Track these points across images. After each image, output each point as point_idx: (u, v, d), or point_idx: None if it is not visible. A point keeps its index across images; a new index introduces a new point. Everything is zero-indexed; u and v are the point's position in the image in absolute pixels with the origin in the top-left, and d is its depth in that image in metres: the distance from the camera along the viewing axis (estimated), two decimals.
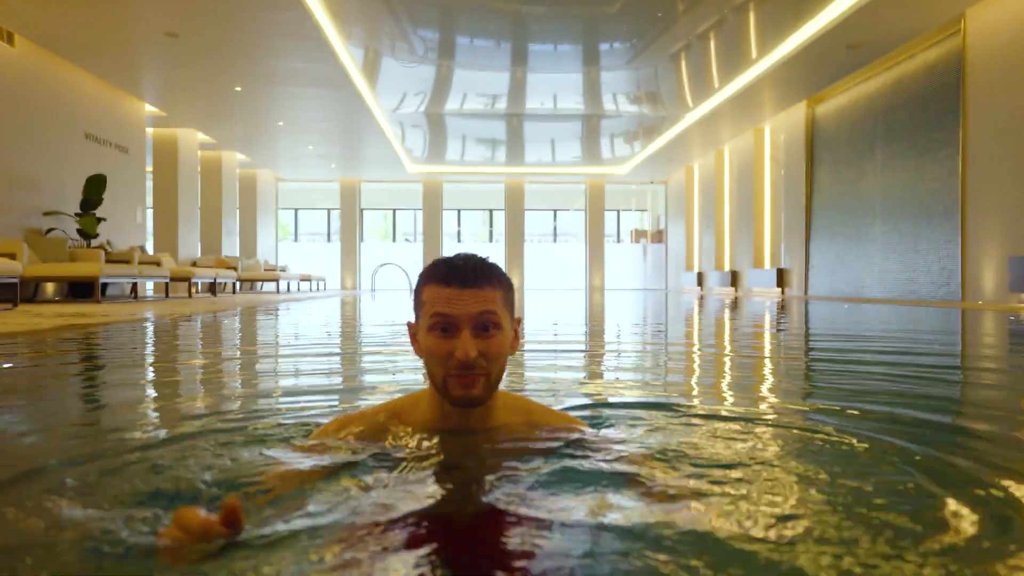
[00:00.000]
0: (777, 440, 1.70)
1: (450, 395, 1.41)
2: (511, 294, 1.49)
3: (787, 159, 16.34)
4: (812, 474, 1.36)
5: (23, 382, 3.09)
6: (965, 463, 1.50)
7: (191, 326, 6.71)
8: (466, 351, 1.36)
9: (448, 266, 1.44)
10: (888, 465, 1.47)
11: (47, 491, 1.27)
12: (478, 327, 1.40)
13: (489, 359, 1.40)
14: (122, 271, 11.02)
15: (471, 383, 1.39)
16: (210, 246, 19.21)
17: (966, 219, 10.58)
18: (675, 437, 1.64)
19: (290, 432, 1.70)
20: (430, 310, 1.42)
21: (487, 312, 1.40)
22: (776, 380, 3.13)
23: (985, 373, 3.40)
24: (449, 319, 1.39)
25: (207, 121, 16.37)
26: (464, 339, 1.38)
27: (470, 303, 1.39)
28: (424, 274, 1.47)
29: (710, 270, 21.11)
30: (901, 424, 1.97)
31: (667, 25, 11.43)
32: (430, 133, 19.52)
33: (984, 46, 10.18)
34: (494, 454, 1.42)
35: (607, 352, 4.47)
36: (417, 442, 1.46)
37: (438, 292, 1.42)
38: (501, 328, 1.43)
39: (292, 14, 10.02)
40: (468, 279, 1.41)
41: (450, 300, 1.40)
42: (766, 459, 1.47)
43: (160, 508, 1.12)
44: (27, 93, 11.05)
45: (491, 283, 1.43)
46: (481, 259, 1.47)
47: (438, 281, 1.42)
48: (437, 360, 1.40)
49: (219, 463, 1.44)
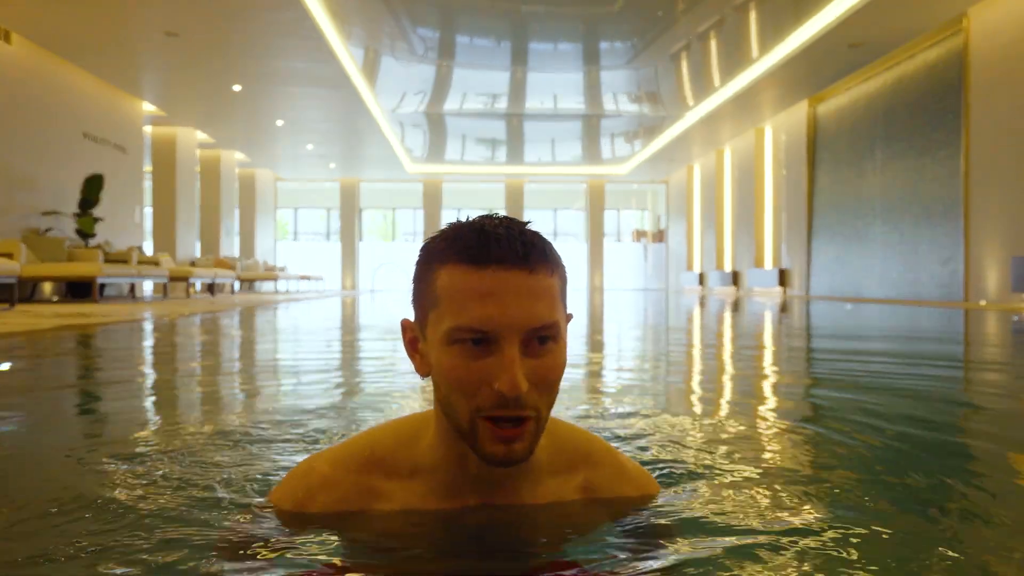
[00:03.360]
0: None
1: (482, 449, 0.92)
2: (565, 283, 0.99)
3: (788, 159, 16.31)
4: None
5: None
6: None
7: (190, 329, 6.66)
8: (515, 381, 0.87)
9: (480, 235, 0.91)
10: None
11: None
12: (530, 340, 0.91)
13: (543, 390, 0.92)
14: (120, 271, 10.97)
15: (516, 434, 0.91)
16: (209, 246, 19.16)
17: (969, 219, 10.55)
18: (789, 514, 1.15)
19: (252, 486, 1.28)
20: (452, 311, 0.90)
21: (544, 316, 0.91)
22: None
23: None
24: (486, 329, 0.88)
25: (206, 120, 16.32)
26: (509, 360, 0.88)
27: (521, 301, 0.89)
28: (436, 248, 0.95)
29: (711, 270, 21.07)
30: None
31: (667, 24, 11.39)
32: (430, 133, 19.49)
33: (986, 45, 10.15)
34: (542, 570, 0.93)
35: (631, 373, 4.41)
36: (413, 529, 1.00)
37: (465, 279, 0.90)
38: (560, 339, 0.94)
39: (292, 14, 9.97)
40: (517, 258, 0.90)
41: (489, 296, 0.88)
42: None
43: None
44: (25, 92, 11.00)
45: (546, 266, 0.93)
46: (526, 224, 0.96)
47: (466, 259, 0.90)
48: (462, 391, 0.90)
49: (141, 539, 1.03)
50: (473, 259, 0.90)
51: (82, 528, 1.08)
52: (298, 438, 1.75)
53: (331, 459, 1.06)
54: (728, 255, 20.44)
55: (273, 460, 1.51)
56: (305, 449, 1.62)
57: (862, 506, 1.20)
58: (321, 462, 1.06)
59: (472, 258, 0.90)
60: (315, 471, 1.05)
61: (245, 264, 19.32)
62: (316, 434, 1.79)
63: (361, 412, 2.19)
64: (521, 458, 0.92)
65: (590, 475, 1.09)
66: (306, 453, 1.55)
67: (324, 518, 1.02)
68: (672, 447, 1.61)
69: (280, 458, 1.53)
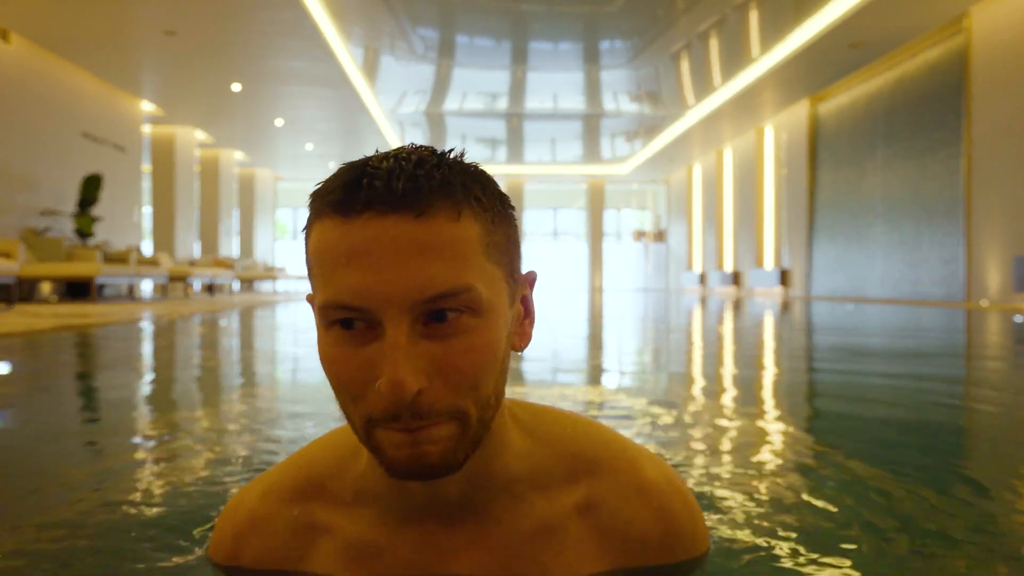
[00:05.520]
0: None
1: (385, 458, 0.67)
2: (506, 228, 0.72)
3: (789, 158, 16.28)
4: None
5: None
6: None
7: (190, 329, 6.63)
8: (395, 377, 0.62)
9: (354, 175, 0.66)
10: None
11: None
12: (426, 315, 0.65)
13: (456, 384, 0.65)
14: (119, 271, 10.94)
15: (421, 437, 0.65)
16: (208, 246, 19.13)
17: (970, 219, 10.52)
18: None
19: (182, 522, 1.11)
20: (322, 282, 0.66)
21: (441, 280, 0.63)
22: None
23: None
24: (359, 304, 0.64)
25: (205, 120, 16.29)
26: (391, 346, 0.63)
27: (404, 260, 0.63)
28: (312, 197, 0.69)
29: (711, 270, 21.04)
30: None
31: (668, 24, 11.36)
32: (430, 132, 19.46)
33: (988, 45, 10.12)
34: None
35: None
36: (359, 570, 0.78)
37: (332, 237, 0.65)
38: (481, 310, 0.66)
39: (292, 13, 9.94)
40: (395, 199, 0.63)
41: (358, 257, 0.64)
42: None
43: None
44: (23, 91, 10.96)
45: (448, 206, 0.65)
46: (434, 154, 0.69)
47: (333, 208, 0.65)
48: (346, 392, 0.67)
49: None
50: (340, 207, 0.64)
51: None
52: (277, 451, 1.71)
53: (261, 490, 0.83)
54: (729, 255, 20.42)
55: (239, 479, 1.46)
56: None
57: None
58: (250, 495, 0.84)
59: (339, 206, 0.64)
60: (241, 508, 0.83)
61: (244, 264, 19.28)
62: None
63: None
64: (438, 466, 0.66)
65: (595, 488, 0.79)
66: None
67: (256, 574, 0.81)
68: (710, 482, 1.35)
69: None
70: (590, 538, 0.78)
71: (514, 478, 0.77)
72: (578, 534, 0.78)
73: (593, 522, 0.78)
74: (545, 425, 0.81)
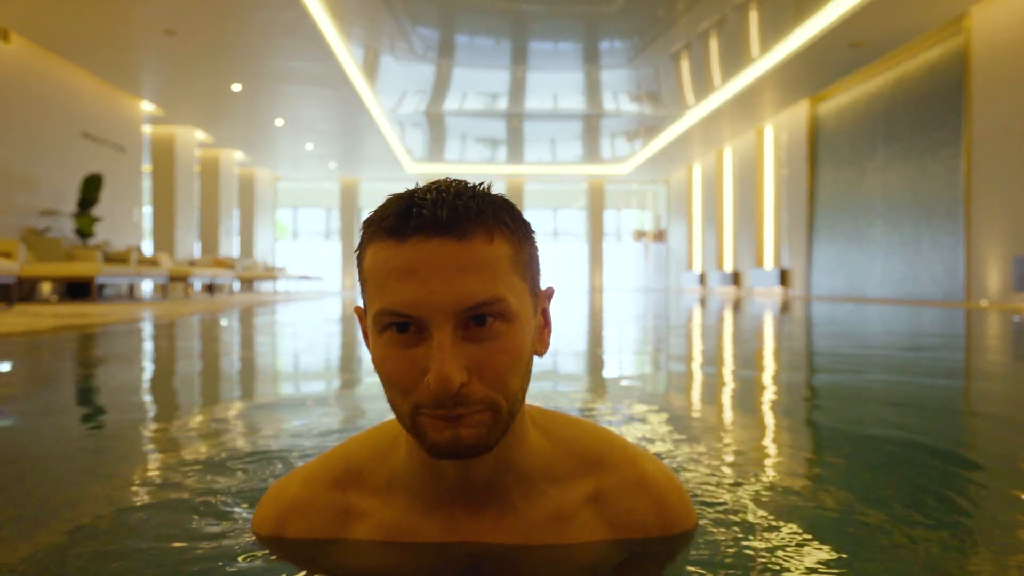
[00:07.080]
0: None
1: (427, 440, 0.80)
2: (530, 249, 0.85)
3: (789, 158, 16.28)
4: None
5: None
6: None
7: (189, 330, 6.64)
8: (444, 372, 0.75)
9: (403, 205, 0.80)
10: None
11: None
12: (466, 321, 0.78)
13: (490, 380, 0.79)
14: (119, 271, 10.94)
15: (460, 423, 0.79)
16: (208, 246, 19.13)
17: (970, 219, 10.52)
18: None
19: (235, 502, 1.20)
20: (377, 294, 0.80)
21: (479, 292, 0.77)
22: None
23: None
24: (411, 312, 0.77)
25: (206, 119, 16.30)
26: (438, 347, 0.76)
27: (449, 276, 0.77)
28: (366, 223, 0.84)
29: (711, 270, 21.05)
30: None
31: (668, 24, 11.37)
32: (430, 132, 19.47)
33: (988, 45, 10.12)
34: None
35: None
36: (388, 554, 0.91)
37: (386, 257, 0.79)
38: (511, 318, 0.79)
39: (292, 13, 9.95)
40: (441, 225, 0.77)
41: (410, 273, 0.77)
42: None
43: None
44: (23, 91, 10.97)
45: (484, 231, 0.79)
46: (469, 187, 0.83)
47: (387, 233, 0.79)
48: (397, 387, 0.80)
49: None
50: (393, 232, 0.78)
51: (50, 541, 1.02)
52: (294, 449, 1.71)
53: (303, 478, 0.97)
54: (729, 255, 20.42)
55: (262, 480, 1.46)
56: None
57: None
58: (293, 482, 0.97)
59: (392, 231, 0.78)
60: (285, 493, 0.96)
61: (244, 264, 19.29)
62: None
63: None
64: (474, 446, 0.79)
65: (602, 482, 0.93)
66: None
67: (296, 547, 0.93)
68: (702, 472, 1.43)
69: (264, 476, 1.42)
70: (597, 523, 0.92)
71: (531, 469, 0.90)
72: (586, 520, 0.92)
73: (601, 510, 0.92)
74: (558, 427, 0.95)
